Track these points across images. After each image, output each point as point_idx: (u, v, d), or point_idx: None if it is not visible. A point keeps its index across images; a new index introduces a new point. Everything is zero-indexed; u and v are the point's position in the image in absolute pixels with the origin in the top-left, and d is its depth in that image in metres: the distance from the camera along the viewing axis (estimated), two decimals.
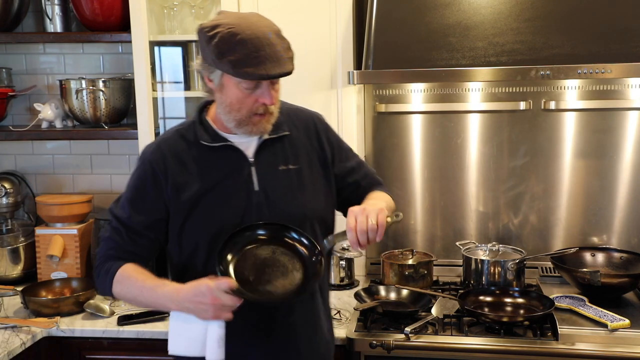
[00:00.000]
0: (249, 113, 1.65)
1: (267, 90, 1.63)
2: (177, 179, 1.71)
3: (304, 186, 1.78)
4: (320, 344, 1.86)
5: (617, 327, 2.12)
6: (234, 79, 1.62)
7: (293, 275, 1.65)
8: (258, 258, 1.66)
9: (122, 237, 1.74)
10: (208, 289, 1.54)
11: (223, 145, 1.73)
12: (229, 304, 1.54)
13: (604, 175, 2.67)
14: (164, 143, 1.76)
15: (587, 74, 2.15)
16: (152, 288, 1.67)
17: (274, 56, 1.58)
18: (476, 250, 2.65)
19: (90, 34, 2.73)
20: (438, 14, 2.33)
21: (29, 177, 3.05)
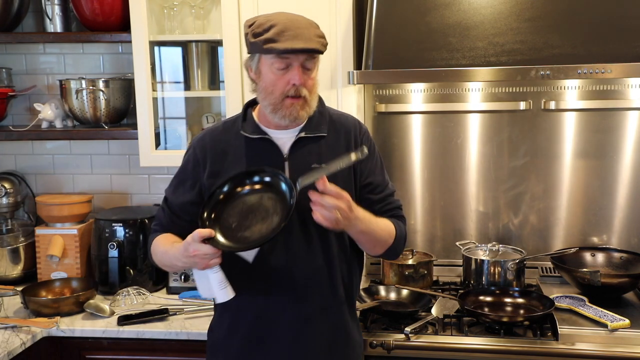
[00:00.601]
0: (281, 95, 1.74)
1: (297, 71, 1.72)
2: (215, 167, 1.84)
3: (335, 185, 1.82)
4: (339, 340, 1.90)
5: (617, 327, 2.13)
6: (268, 62, 1.73)
7: (271, 220, 1.71)
8: (246, 204, 1.76)
9: (165, 216, 1.93)
10: (187, 242, 1.68)
11: (261, 137, 1.83)
12: (208, 252, 1.65)
13: (604, 175, 2.67)
14: (209, 133, 1.92)
15: (587, 74, 2.15)
16: (166, 252, 1.83)
17: (301, 35, 1.69)
18: (476, 250, 2.65)
19: (90, 34, 2.73)
20: (438, 14, 2.33)
21: (29, 177, 3.05)
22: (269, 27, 1.70)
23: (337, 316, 1.89)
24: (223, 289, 1.73)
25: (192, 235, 1.66)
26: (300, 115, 1.77)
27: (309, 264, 1.82)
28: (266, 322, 1.84)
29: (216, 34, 2.63)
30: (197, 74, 2.72)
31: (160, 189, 2.98)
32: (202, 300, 2.52)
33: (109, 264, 2.64)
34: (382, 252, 1.89)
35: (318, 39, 1.73)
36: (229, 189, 1.77)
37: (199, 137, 1.92)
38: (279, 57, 1.70)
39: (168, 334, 2.31)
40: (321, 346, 1.86)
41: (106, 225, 2.69)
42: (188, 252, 1.68)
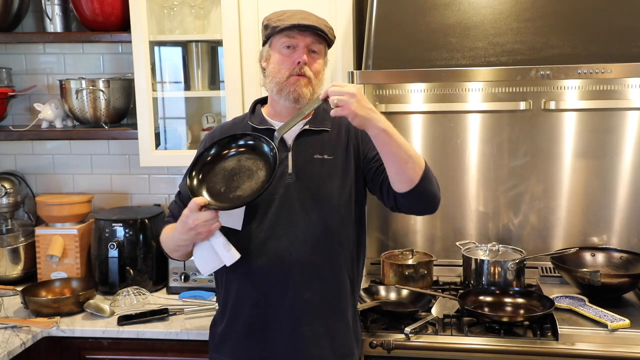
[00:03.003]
0: (287, 72, 1.83)
1: (302, 51, 1.83)
2: None
3: (335, 175, 1.89)
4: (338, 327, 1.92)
5: (617, 327, 2.13)
6: (277, 44, 1.85)
7: (258, 175, 1.81)
8: (226, 170, 1.85)
9: (177, 208, 1.99)
10: (185, 215, 1.77)
11: (267, 128, 1.90)
12: (209, 218, 1.74)
13: (604, 175, 2.67)
14: (220, 127, 2.04)
15: (587, 74, 2.15)
16: (170, 236, 1.92)
17: (309, 18, 1.84)
18: (476, 250, 2.65)
19: (90, 34, 2.73)
20: (438, 14, 2.33)
21: (29, 177, 3.05)
22: (281, 14, 1.86)
23: (337, 302, 1.92)
24: (229, 251, 1.80)
25: (189, 207, 1.75)
26: (303, 93, 1.84)
27: (310, 249, 1.85)
28: (268, 308, 1.87)
29: (216, 34, 2.63)
30: (197, 74, 2.72)
31: (161, 188, 2.98)
32: (202, 300, 2.52)
33: (109, 264, 2.64)
34: (416, 177, 1.76)
35: (326, 27, 1.86)
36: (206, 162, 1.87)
37: (209, 133, 2.04)
38: (286, 36, 1.82)
39: (168, 334, 2.31)
40: (322, 332, 1.88)
41: (106, 225, 2.69)
42: (188, 225, 1.75)
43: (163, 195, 2.98)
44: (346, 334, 1.94)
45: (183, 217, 1.78)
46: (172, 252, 1.97)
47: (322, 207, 1.87)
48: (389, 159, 1.75)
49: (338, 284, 1.91)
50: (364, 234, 2.01)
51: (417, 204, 1.84)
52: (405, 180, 1.77)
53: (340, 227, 1.90)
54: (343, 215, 1.90)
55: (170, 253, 1.98)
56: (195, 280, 2.64)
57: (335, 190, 1.89)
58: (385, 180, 1.84)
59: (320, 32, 1.84)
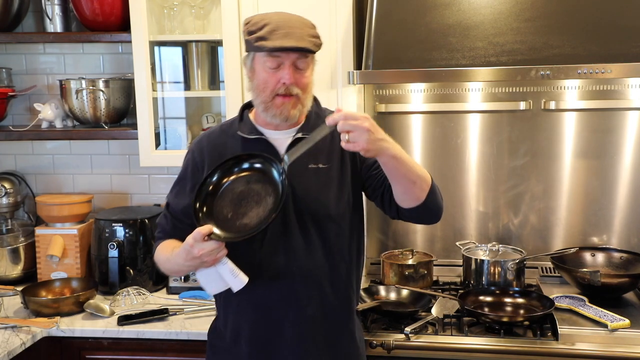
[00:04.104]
0: (271, 94, 1.74)
1: (288, 69, 1.72)
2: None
3: (331, 185, 1.83)
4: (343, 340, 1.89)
5: (617, 327, 2.13)
6: (260, 60, 1.74)
7: (266, 201, 1.72)
8: (234, 193, 1.76)
9: (167, 222, 1.92)
10: (190, 245, 1.66)
11: (257, 138, 1.83)
12: (214, 247, 1.65)
13: (604, 175, 2.67)
14: (206, 136, 1.93)
15: (587, 74, 2.15)
16: (168, 260, 1.83)
17: (293, 34, 1.70)
18: (476, 250, 2.65)
19: (90, 34, 2.73)
20: (438, 14, 2.33)
21: (29, 177, 3.05)
22: (262, 25, 1.71)
23: (340, 315, 1.89)
24: (237, 276, 1.73)
25: (193, 236, 1.65)
26: (291, 115, 1.76)
27: (310, 263, 1.81)
28: (270, 324, 1.83)
29: (216, 34, 2.63)
30: (197, 74, 2.72)
31: (161, 188, 2.98)
32: (202, 300, 2.52)
33: (109, 264, 2.64)
34: (423, 195, 1.74)
35: (311, 38, 1.72)
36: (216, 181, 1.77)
37: (197, 141, 1.93)
38: (270, 56, 1.71)
39: (168, 334, 2.31)
40: (326, 345, 1.85)
41: (106, 225, 2.69)
42: (193, 254, 1.66)
43: (163, 195, 2.98)
44: (349, 343, 1.91)
45: (187, 245, 1.68)
46: (171, 273, 1.93)
47: (320, 220, 1.81)
48: (398, 181, 1.72)
49: (340, 295, 1.87)
50: (363, 242, 1.95)
51: (422, 216, 1.82)
52: (412, 198, 1.76)
53: (340, 239, 1.85)
54: (342, 226, 1.84)
55: (169, 273, 1.93)
56: (195, 280, 2.64)
57: (332, 201, 1.82)
58: (387, 191, 1.81)
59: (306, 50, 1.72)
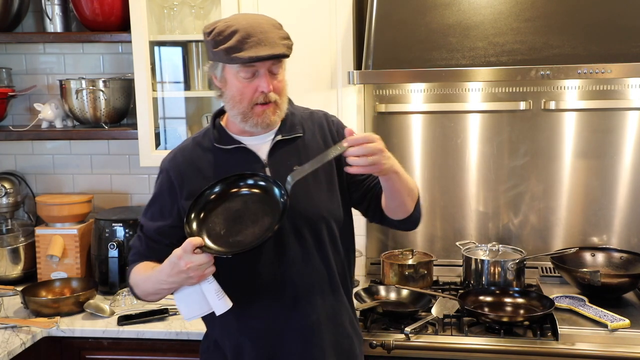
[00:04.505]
0: (250, 104, 1.68)
1: (265, 77, 1.66)
2: (192, 186, 1.74)
3: (320, 186, 1.79)
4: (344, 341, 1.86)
5: (617, 327, 2.13)
6: (233, 70, 1.66)
7: (263, 221, 1.65)
8: (230, 211, 1.68)
9: (142, 244, 1.81)
10: (178, 256, 1.57)
11: (236, 147, 1.77)
12: (203, 261, 1.56)
13: (604, 175, 2.67)
14: (180, 151, 1.83)
15: (587, 74, 2.15)
16: (147, 279, 1.73)
17: (265, 41, 1.62)
18: (476, 250, 2.65)
19: (90, 34, 2.74)
20: (438, 14, 2.33)
21: (29, 177, 3.05)
22: (230, 33, 1.61)
23: (341, 319, 1.85)
24: (221, 298, 1.64)
25: (182, 247, 1.56)
26: (272, 121, 1.71)
27: (307, 270, 1.77)
28: (273, 337, 1.78)
29: None
30: (197, 74, 2.72)
31: None
32: None
33: (108, 264, 2.64)
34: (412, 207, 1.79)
35: (283, 41, 1.66)
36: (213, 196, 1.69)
37: (170, 159, 1.82)
38: (245, 66, 1.64)
39: (168, 334, 2.31)
40: (330, 351, 1.81)
41: (106, 225, 2.69)
42: (179, 267, 1.57)
43: None
44: (349, 342, 1.88)
45: (174, 257, 1.58)
46: (147, 295, 1.77)
47: (314, 222, 1.76)
48: (394, 195, 1.74)
49: (338, 297, 1.85)
50: (354, 239, 1.93)
51: (405, 226, 1.87)
52: (404, 211, 1.79)
53: (334, 240, 1.82)
54: (335, 227, 1.81)
55: (144, 296, 1.79)
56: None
57: (324, 202, 1.79)
58: (374, 199, 1.82)
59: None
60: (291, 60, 2.49)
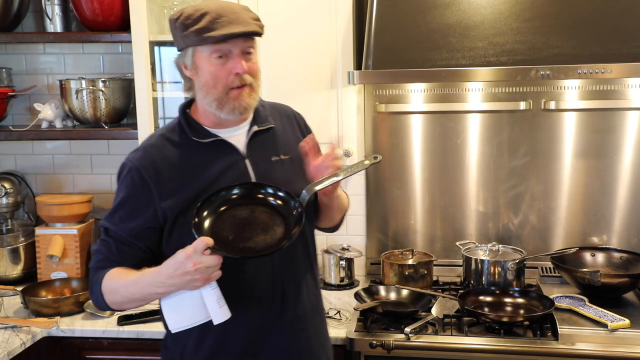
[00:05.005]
0: (225, 88, 1.63)
1: (238, 59, 1.61)
2: (171, 184, 1.67)
3: (297, 175, 1.77)
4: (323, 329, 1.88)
5: (617, 327, 2.13)
6: (204, 54, 1.61)
7: (274, 231, 1.61)
8: (237, 218, 1.63)
9: (109, 249, 1.69)
10: (186, 255, 1.49)
11: (214, 140, 1.70)
12: (213, 264, 1.49)
13: (604, 175, 2.67)
14: (152, 148, 1.71)
15: (587, 74, 2.15)
16: (135, 282, 1.62)
17: (236, 20, 1.59)
18: (476, 250, 2.65)
19: (90, 34, 2.73)
20: (438, 14, 2.33)
21: (29, 177, 3.05)
22: (200, 16, 1.58)
23: (321, 307, 1.88)
24: (222, 306, 1.56)
25: (193, 246, 1.49)
26: (249, 104, 1.66)
27: (293, 262, 1.76)
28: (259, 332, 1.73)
29: None
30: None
31: None
32: None
33: None
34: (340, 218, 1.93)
35: (254, 21, 1.63)
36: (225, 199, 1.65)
37: (139, 157, 1.69)
38: (217, 46, 1.59)
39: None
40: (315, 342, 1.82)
41: None
42: (185, 268, 1.49)
43: None
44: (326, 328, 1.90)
45: (180, 257, 1.50)
46: (127, 303, 1.67)
47: None
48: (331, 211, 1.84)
49: (317, 285, 1.86)
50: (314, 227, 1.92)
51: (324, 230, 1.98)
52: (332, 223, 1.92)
53: (311, 228, 1.83)
54: (311, 215, 1.80)
55: (121, 304, 1.68)
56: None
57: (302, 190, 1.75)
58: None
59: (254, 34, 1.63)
60: (291, 60, 2.50)
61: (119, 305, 1.69)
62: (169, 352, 1.79)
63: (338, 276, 2.72)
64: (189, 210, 1.64)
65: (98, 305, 1.71)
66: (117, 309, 1.73)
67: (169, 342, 1.79)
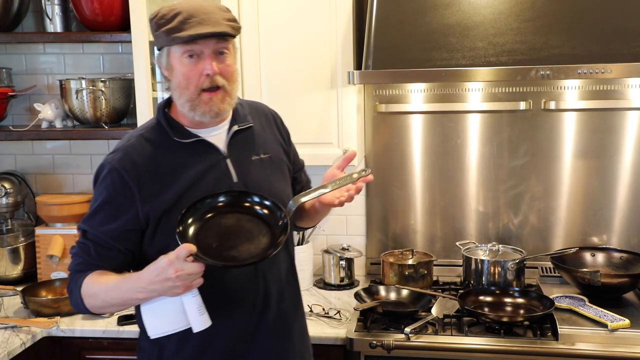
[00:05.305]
0: (196, 89, 1.61)
1: (209, 60, 1.60)
2: (153, 185, 1.64)
3: (277, 174, 1.79)
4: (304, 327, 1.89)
5: (617, 327, 2.13)
6: (176, 54, 1.61)
7: (259, 240, 1.60)
8: (222, 226, 1.61)
9: (88, 252, 1.66)
10: (169, 261, 1.47)
11: (195, 141, 1.69)
12: (195, 271, 1.48)
13: (604, 175, 2.67)
14: (131, 149, 1.68)
15: (587, 74, 2.15)
16: (115, 286, 1.60)
17: (207, 20, 1.57)
18: (476, 250, 2.65)
19: (90, 34, 2.73)
20: (438, 14, 2.33)
21: (29, 177, 3.05)
22: (172, 16, 1.58)
23: (301, 305, 1.88)
24: (202, 314, 1.54)
25: (176, 253, 1.47)
26: (221, 110, 1.64)
27: (276, 262, 1.75)
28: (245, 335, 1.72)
29: None
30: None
31: None
32: None
33: None
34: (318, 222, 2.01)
35: (228, 22, 1.61)
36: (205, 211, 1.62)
37: (118, 158, 1.65)
38: (188, 46, 1.58)
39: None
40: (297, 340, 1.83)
41: None
42: (167, 275, 1.47)
43: None
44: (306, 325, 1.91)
45: (162, 263, 1.48)
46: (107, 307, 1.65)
47: None
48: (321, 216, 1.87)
49: (297, 283, 1.86)
50: None
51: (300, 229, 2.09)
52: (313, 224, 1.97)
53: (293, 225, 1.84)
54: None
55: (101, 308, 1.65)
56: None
57: (282, 190, 1.79)
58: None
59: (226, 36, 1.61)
60: (291, 60, 2.50)
61: (99, 309, 1.66)
62: (144, 353, 1.79)
63: (338, 276, 2.72)
64: (171, 211, 1.62)
65: (77, 309, 1.68)
66: (96, 313, 1.70)
67: (144, 344, 1.78)
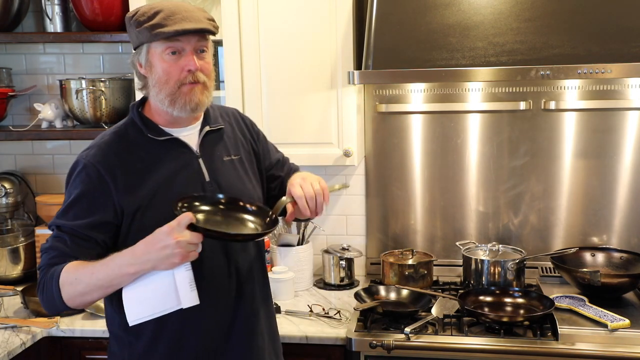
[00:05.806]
0: (177, 83, 1.64)
1: (191, 56, 1.64)
2: (128, 180, 1.67)
3: (247, 175, 1.85)
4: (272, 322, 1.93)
5: (617, 327, 2.13)
6: (157, 51, 1.64)
7: (248, 227, 1.70)
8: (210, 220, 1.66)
9: (65, 244, 1.64)
10: (169, 229, 1.48)
11: (169, 139, 1.72)
12: (194, 240, 1.49)
13: (604, 175, 2.67)
14: (106, 145, 1.70)
15: (587, 74, 2.15)
16: (103, 264, 1.57)
17: (189, 17, 1.62)
18: (476, 250, 2.65)
19: (90, 34, 2.74)
20: (438, 14, 2.33)
21: (29, 177, 3.05)
22: (153, 13, 1.61)
23: (270, 301, 1.93)
24: (193, 290, 1.54)
25: (177, 220, 1.49)
26: (200, 101, 1.67)
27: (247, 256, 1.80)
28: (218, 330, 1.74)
29: None
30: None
31: None
32: None
33: None
34: None
35: (208, 20, 1.66)
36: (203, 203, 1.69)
37: (93, 154, 1.68)
38: (170, 42, 1.61)
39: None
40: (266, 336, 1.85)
41: None
42: (166, 242, 1.47)
43: None
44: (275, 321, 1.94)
45: (161, 232, 1.49)
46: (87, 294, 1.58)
47: None
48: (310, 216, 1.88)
49: (267, 279, 1.91)
50: None
51: None
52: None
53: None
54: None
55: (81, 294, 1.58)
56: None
57: (253, 190, 1.84)
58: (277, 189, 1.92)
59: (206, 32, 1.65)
60: (291, 60, 2.50)
61: (79, 296, 1.59)
62: (115, 356, 1.81)
63: (338, 276, 2.72)
64: (146, 209, 1.66)
65: (50, 306, 1.64)
66: (72, 306, 1.63)
67: (114, 347, 1.80)
